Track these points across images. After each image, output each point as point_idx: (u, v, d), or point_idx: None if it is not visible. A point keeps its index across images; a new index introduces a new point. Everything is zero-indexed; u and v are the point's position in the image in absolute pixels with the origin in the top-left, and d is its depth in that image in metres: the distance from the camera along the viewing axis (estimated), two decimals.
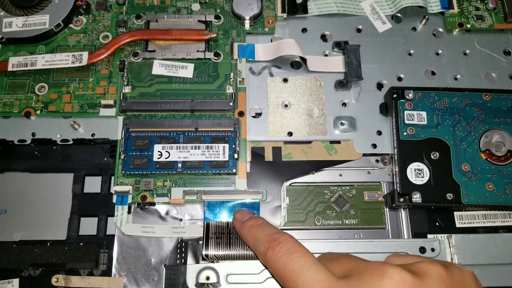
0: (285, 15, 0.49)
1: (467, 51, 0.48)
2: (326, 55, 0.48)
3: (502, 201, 0.41)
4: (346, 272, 0.30)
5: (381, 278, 0.27)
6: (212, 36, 0.47)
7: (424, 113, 0.44)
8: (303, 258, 0.30)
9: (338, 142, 0.45)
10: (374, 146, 0.45)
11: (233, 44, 0.48)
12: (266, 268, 0.37)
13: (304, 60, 0.47)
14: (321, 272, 0.29)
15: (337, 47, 0.48)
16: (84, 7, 0.49)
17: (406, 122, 0.44)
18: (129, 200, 0.43)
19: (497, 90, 0.45)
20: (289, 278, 0.30)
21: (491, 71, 0.47)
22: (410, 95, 0.44)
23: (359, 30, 0.49)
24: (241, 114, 0.45)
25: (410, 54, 0.48)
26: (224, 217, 0.42)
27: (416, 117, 0.44)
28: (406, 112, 0.44)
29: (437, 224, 0.43)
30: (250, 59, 0.47)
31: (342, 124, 0.46)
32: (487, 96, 0.44)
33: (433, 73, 0.48)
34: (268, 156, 0.45)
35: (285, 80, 0.47)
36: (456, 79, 0.47)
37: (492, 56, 0.48)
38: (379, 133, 0.45)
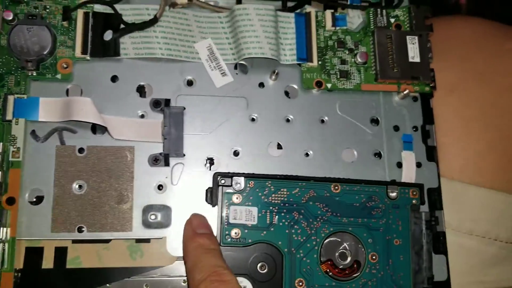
0: (87, 56, 0.39)
1: (325, 118, 0.42)
2: (142, 116, 0.39)
3: None
4: None
5: None
6: None
7: (255, 210, 0.37)
8: None
9: (148, 241, 0.38)
10: None
11: (7, 96, 0.37)
12: None
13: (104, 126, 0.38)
14: None
15: (156, 107, 0.39)
16: None
17: (231, 221, 0.37)
18: None
19: (350, 180, 0.39)
20: None
21: (352, 147, 0.41)
22: (240, 184, 0.37)
23: (190, 83, 0.41)
24: (11, 201, 0.36)
25: (253, 119, 0.41)
26: None
27: (245, 215, 0.37)
28: (232, 208, 0.37)
29: None
30: (32, 120, 0.38)
31: (153, 216, 0.38)
32: (336, 188, 0.38)
33: (279, 146, 0.41)
34: (48, 261, 0.36)
35: (81, 150, 0.38)
36: (307, 155, 0.41)
37: (356, 125, 0.42)
38: None
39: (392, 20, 0.43)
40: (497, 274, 0.42)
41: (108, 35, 0.40)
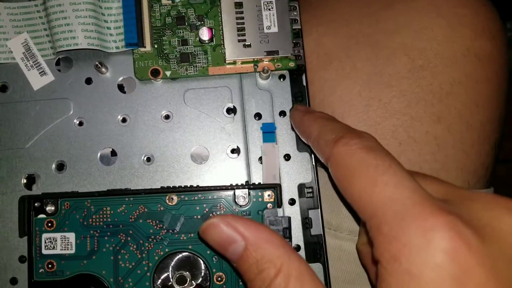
0: None
1: (170, 113, 0.35)
2: None
3: None
4: (442, 195, 0.25)
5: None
6: None
7: (72, 236, 0.31)
8: (389, 159, 0.24)
9: None
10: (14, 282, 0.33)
11: None
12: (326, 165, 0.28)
13: None
14: (412, 185, 0.23)
15: None
16: None
17: (45, 252, 0.31)
18: None
19: (190, 188, 0.32)
20: (364, 175, 0.24)
21: (204, 144, 0.34)
22: (51, 206, 0.31)
23: (4, 89, 0.35)
24: None
25: (81, 123, 0.35)
26: None
27: (60, 243, 0.31)
28: (45, 236, 0.31)
29: None
30: None
31: None
32: (172, 200, 0.32)
33: (114, 153, 0.34)
34: None
35: None
36: (149, 160, 0.34)
37: (208, 118, 0.35)
38: (23, 260, 0.33)
39: None
40: None
41: None
